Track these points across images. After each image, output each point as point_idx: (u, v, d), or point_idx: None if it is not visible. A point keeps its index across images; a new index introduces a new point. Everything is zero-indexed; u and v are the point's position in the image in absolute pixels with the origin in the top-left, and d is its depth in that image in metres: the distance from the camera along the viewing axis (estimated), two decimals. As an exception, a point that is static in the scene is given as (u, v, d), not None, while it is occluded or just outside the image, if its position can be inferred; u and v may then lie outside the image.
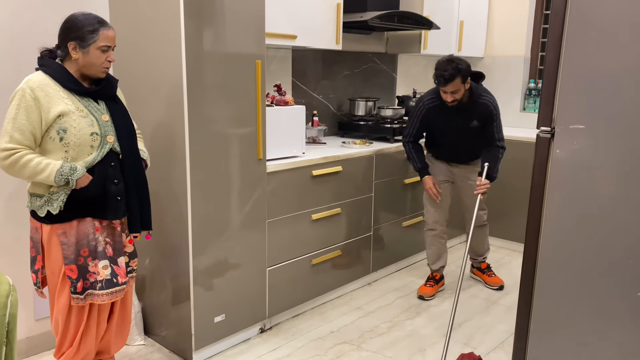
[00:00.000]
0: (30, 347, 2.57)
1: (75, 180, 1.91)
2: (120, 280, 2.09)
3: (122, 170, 2.06)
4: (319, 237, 3.08)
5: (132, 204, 2.09)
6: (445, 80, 2.86)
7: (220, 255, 2.56)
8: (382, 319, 3.06)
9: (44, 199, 1.95)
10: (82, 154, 1.95)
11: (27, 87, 1.88)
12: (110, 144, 2.01)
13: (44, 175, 1.88)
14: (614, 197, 1.75)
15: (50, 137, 1.91)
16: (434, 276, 3.43)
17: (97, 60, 1.95)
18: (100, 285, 2.04)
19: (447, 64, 2.86)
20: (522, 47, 4.56)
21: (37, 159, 1.88)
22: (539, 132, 1.89)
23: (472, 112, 3.05)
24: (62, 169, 1.89)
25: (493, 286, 3.48)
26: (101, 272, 2.04)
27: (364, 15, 3.33)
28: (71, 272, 2.00)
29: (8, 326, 1.10)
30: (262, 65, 2.56)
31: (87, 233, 2.01)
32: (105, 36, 1.94)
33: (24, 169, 1.87)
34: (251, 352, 2.69)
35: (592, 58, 1.73)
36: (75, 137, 1.92)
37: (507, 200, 4.19)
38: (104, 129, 1.99)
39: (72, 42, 1.92)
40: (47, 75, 1.92)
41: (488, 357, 2.67)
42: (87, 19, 1.93)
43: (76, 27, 1.91)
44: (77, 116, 1.92)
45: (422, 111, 3.14)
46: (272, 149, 2.79)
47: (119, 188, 2.04)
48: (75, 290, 2.00)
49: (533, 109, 4.61)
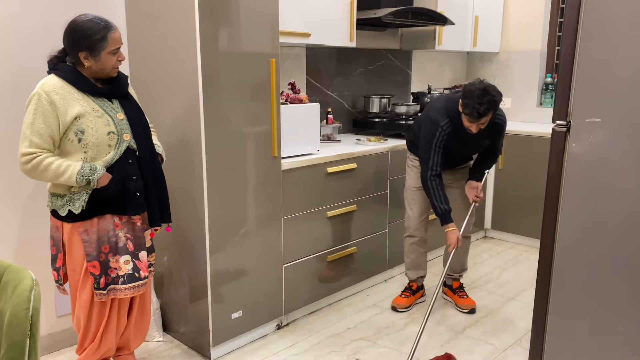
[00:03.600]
0: (52, 343, 2.62)
1: (96, 180, 1.95)
2: (142, 274, 2.13)
3: (140, 167, 2.09)
4: (335, 234, 3.09)
5: (151, 199, 2.13)
6: (479, 115, 2.56)
7: (236, 253, 2.58)
8: (398, 316, 3.06)
9: (65, 198, 1.99)
10: (101, 154, 1.99)
11: (42, 91, 1.90)
12: (127, 142, 2.04)
13: (65, 177, 1.91)
14: (632, 191, 1.73)
15: (68, 139, 1.94)
16: (410, 286, 3.21)
17: (109, 63, 1.97)
18: (123, 279, 2.08)
19: (482, 96, 2.53)
20: (538, 41, 4.51)
21: (58, 162, 1.91)
22: (555, 126, 1.87)
23: (487, 132, 2.79)
24: (82, 170, 1.92)
25: (464, 309, 3.10)
26: (123, 267, 2.08)
27: (377, 12, 3.33)
28: (94, 268, 2.03)
29: (32, 319, 1.13)
30: (276, 63, 2.58)
31: (107, 230, 2.05)
32: (114, 39, 1.96)
33: (45, 172, 1.91)
34: (268, 348, 2.71)
35: (607, 51, 1.71)
36: (93, 137, 1.95)
37: (523, 196, 4.15)
38: (120, 128, 2.02)
39: (83, 52, 1.93)
40: (61, 79, 1.95)
41: (505, 353, 2.66)
42: (92, 26, 1.93)
43: (84, 37, 1.92)
44: (93, 117, 1.95)
45: (443, 137, 2.74)
46: (287, 147, 2.80)
47: (137, 184, 2.07)
48: (99, 286, 2.05)
49: (550, 104, 4.56)
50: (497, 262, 3.92)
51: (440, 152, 2.77)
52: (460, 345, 2.74)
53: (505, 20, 4.64)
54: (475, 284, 3.51)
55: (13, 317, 1.12)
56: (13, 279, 1.20)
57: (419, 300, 3.23)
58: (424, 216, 3.10)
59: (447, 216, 2.78)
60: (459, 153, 2.95)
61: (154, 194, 2.14)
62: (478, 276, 3.64)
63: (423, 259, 3.18)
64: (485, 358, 2.62)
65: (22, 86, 2.35)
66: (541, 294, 2.00)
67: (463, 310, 3.11)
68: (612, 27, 1.70)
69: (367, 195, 3.25)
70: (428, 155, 2.78)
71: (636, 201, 1.73)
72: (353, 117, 3.94)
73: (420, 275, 3.20)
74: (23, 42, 2.37)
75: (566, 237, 1.89)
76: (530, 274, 3.65)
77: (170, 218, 2.25)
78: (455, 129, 2.74)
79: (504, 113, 2.86)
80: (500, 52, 4.72)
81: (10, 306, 1.14)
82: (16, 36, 2.35)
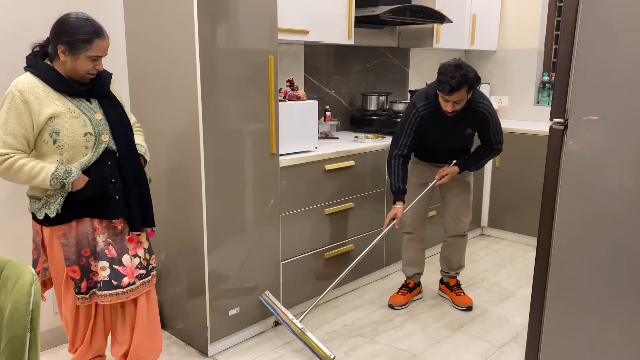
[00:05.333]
0: (50, 339, 2.62)
1: (71, 183, 1.87)
2: (125, 281, 2.02)
3: (120, 169, 1.99)
4: (332, 231, 3.10)
5: (131, 202, 2.02)
6: (452, 88, 2.55)
7: (234, 249, 2.59)
8: (395, 312, 3.07)
9: (41, 201, 1.92)
10: (77, 155, 1.90)
11: (15, 90, 1.82)
12: (106, 143, 1.95)
13: (39, 180, 1.83)
14: (628, 189, 1.74)
15: (43, 140, 1.86)
16: (407, 283, 3.21)
17: (84, 67, 1.88)
18: (99, 286, 2.00)
19: (455, 70, 2.54)
20: (535, 40, 4.52)
21: (31, 163, 1.84)
22: (552, 123, 1.88)
23: (468, 120, 2.79)
24: (56, 173, 1.84)
25: (460, 306, 3.11)
26: (100, 273, 1.99)
27: (375, 10, 3.33)
28: (74, 272, 1.97)
29: (32, 314, 1.13)
30: (274, 60, 2.58)
31: (86, 233, 1.98)
32: (99, 47, 1.87)
33: (18, 174, 1.83)
34: (266, 344, 2.72)
35: (605, 49, 1.72)
36: (69, 138, 1.86)
37: (519, 194, 4.17)
38: (98, 128, 1.93)
39: (62, 46, 1.84)
40: (36, 77, 1.86)
41: (502, 350, 2.68)
42: (83, 25, 1.85)
43: (70, 32, 1.83)
44: (68, 117, 1.87)
45: (415, 119, 2.78)
46: (285, 144, 2.81)
47: (116, 187, 1.97)
48: (80, 290, 1.99)
49: (547, 102, 4.58)
50: (493, 260, 3.93)
51: (412, 135, 2.81)
52: (456, 342, 2.76)
53: (502, 18, 4.65)
54: (471, 281, 3.52)
55: (14, 311, 1.12)
56: (13, 274, 1.21)
57: (415, 297, 3.24)
58: (422, 213, 3.10)
59: (398, 194, 2.82)
60: (438, 142, 2.92)
61: (135, 197, 2.03)
62: (475, 274, 3.65)
63: (420, 255, 3.19)
64: (482, 355, 2.63)
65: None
66: (538, 290, 2.01)
67: (460, 308, 3.12)
68: (610, 26, 1.71)
69: (364, 192, 3.25)
70: (399, 135, 2.84)
71: (633, 198, 1.74)
72: (351, 115, 3.95)
73: (417, 272, 3.20)
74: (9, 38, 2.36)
75: (563, 234, 1.90)
76: (527, 271, 3.67)
77: (152, 222, 2.12)
78: (433, 113, 2.76)
79: (490, 103, 2.81)
80: (497, 51, 4.73)
81: (10, 301, 1.14)
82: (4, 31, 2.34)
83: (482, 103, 2.77)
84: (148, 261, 2.12)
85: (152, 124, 2.61)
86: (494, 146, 2.90)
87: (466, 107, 2.73)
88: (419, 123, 2.79)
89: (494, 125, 2.83)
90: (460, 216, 3.08)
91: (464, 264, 3.24)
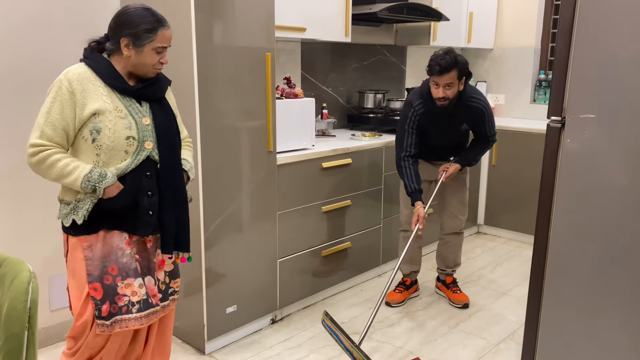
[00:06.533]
0: (46, 337, 2.61)
1: (103, 189, 1.70)
2: (152, 301, 1.84)
3: (159, 182, 1.81)
4: (329, 229, 3.10)
5: (166, 220, 1.83)
6: (441, 68, 2.58)
7: (231, 247, 2.58)
8: (392, 310, 3.08)
9: (70, 206, 1.75)
10: (115, 159, 1.73)
11: (64, 78, 1.69)
12: (148, 151, 1.77)
13: (70, 179, 1.68)
14: (625, 186, 1.75)
15: (82, 136, 1.71)
16: (404, 281, 3.22)
17: (150, 60, 1.75)
18: (139, 306, 1.78)
19: (445, 54, 2.61)
20: (532, 38, 4.53)
21: (66, 160, 1.69)
22: (550, 121, 1.89)
23: (463, 116, 2.82)
24: (90, 174, 1.68)
25: (457, 304, 3.11)
26: (138, 292, 1.78)
27: (373, 7, 3.33)
28: (95, 291, 1.74)
29: (30, 312, 1.13)
30: (272, 58, 2.58)
31: (115, 247, 1.77)
32: (163, 37, 1.75)
33: (50, 169, 1.68)
34: (263, 342, 2.72)
35: (602, 47, 1.73)
36: (109, 139, 1.70)
37: (516, 192, 4.18)
38: (143, 134, 1.76)
39: (125, 39, 1.71)
40: (89, 68, 1.73)
41: (498, 347, 2.69)
42: (146, 15, 1.73)
43: (133, 23, 1.71)
44: (114, 116, 1.71)
45: (415, 117, 2.82)
46: (282, 142, 2.80)
47: (152, 201, 1.79)
48: (100, 314, 1.74)
49: (543, 101, 4.59)
50: (490, 257, 3.94)
51: (415, 133, 2.85)
52: (453, 339, 2.77)
53: (499, 16, 4.66)
54: (468, 279, 3.53)
55: (11, 309, 1.12)
56: (10, 272, 1.20)
57: (412, 295, 3.25)
58: None
59: (416, 194, 2.81)
60: (435, 139, 2.95)
61: (171, 215, 1.84)
62: (471, 271, 3.66)
63: (417, 253, 3.20)
64: (479, 352, 2.64)
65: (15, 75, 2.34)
66: (535, 288, 2.02)
67: (456, 305, 3.13)
68: (607, 24, 1.71)
69: (361, 190, 3.26)
70: (402, 136, 2.87)
71: (630, 196, 1.75)
72: (348, 113, 3.95)
73: (413, 270, 3.21)
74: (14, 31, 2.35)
75: (560, 232, 1.91)
76: (523, 269, 3.68)
77: (186, 247, 1.91)
78: (429, 110, 2.80)
79: (484, 98, 2.86)
80: (494, 49, 4.74)
81: (8, 299, 1.14)
82: (6, 26, 2.33)
83: (476, 98, 2.81)
84: (167, 285, 1.93)
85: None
86: (489, 138, 2.95)
87: (460, 102, 2.77)
88: (418, 121, 2.83)
89: (489, 119, 2.88)
90: (456, 214, 3.09)
91: (460, 262, 3.25)
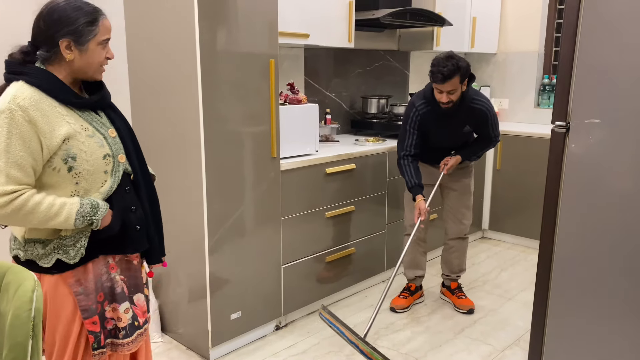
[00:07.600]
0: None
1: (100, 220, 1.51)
2: (140, 321, 1.70)
3: (137, 194, 1.65)
4: (333, 234, 3.10)
5: (151, 231, 1.70)
6: (444, 77, 2.61)
7: (235, 253, 2.58)
8: (397, 316, 3.07)
9: (50, 245, 1.51)
10: (96, 184, 1.53)
11: (15, 107, 1.40)
12: (123, 165, 1.59)
13: (59, 220, 1.45)
14: (630, 192, 1.74)
15: (52, 168, 1.47)
16: (409, 287, 3.21)
17: (97, 58, 1.52)
18: (125, 332, 1.64)
19: (446, 60, 2.63)
20: (535, 42, 4.53)
21: (48, 200, 1.44)
22: (554, 126, 1.88)
23: (466, 117, 2.84)
24: (82, 209, 1.47)
25: (462, 309, 3.10)
26: (123, 317, 1.63)
27: (376, 13, 3.33)
28: (94, 325, 1.57)
29: (34, 320, 1.13)
30: (275, 64, 2.58)
31: (100, 274, 1.60)
32: (105, 27, 1.52)
33: (31, 215, 1.42)
34: (267, 348, 2.71)
35: (607, 52, 1.72)
36: (88, 163, 1.49)
37: (520, 197, 4.16)
38: (115, 147, 1.57)
39: (65, 39, 1.46)
40: (35, 88, 1.44)
41: (504, 353, 2.67)
42: (81, 6, 1.48)
43: (69, 19, 1.45)
44: (84, 137, 1.49)
45: (416, 118, 2.85)
46: (286, 147, 2.80)
47: (137, 215, 1.63)
48: (99, 344, 1.60)
49: (547, 105, 4.58)
50: (494, 262, 3.93)
51: (416, 133, 2.88)
52: (458, 345, 2.75)
53: (502, 21, 4.66)
54: (473, 284, 3.52)
55: (15, 318, 1.12)
56: (14, 280, 1.20)
57: (417, 300, 3.23)
58: None
59: (416, 188, 2.84)
60: (438, 141, 2.96)
61: (154, 224, 1.71)
62: (476, 277, 3.65)
63: (421, 258, 3.19)
64: (484, 358, 2.63)
65: None
66: (540, 293, 2.01)
67: (461, 311, 3.11)
68: (612, 28, 1.71)
69: (365, 195, 3.25)
70: (404, 136, 2.92)
71: (636, 201, 1.74)
72: (351, 118, 3.95)
73: (418, 275, 3.20)
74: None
75: (565, 237, 1.90)
76: (528, 274, 3.66)
77: (164, 251, 1.79)
78: (431, 111, 2.83)
79: (487, 100, 2.89)
80: (497, 53, 4.73)
81: (12, 307, 1.14)
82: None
83: (479, 100, 2.84)
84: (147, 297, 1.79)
85: (153, 127, 2.61)
86: (493, 139, 2.98)
87: (463, 104, 2.79)
88: (420, 121, 2.86)
89: (492, 121, 2.90)
90: (460, 218, 3.08)
91: (465, 267, 3.23)
